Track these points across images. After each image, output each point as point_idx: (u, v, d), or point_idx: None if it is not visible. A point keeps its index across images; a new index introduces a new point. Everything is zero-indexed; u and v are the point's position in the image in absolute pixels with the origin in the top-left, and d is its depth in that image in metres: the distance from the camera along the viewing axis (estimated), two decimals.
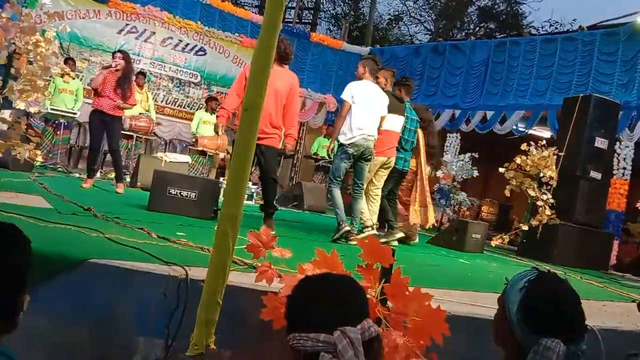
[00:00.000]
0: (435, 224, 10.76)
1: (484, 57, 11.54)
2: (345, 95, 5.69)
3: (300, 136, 13.84)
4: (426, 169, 7.11)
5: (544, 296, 1.63)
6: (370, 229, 5.90)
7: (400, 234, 6.34)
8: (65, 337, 2.54)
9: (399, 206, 6.85)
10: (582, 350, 1.59)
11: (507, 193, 8.02)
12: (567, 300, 1.63)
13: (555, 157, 7.76)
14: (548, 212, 7.57)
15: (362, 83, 5.79)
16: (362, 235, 5.65)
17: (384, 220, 6.48)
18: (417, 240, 6.97)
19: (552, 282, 1.68)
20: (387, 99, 5.89)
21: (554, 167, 7.72)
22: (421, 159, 6.96)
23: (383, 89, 6.04)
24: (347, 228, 5.54)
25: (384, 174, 6.18)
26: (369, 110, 5.68)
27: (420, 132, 6.80)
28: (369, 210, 6.00)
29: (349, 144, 5.60)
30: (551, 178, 7.69)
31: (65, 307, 2.54)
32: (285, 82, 5.33)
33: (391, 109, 5.96)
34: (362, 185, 5.83)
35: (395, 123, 6.16)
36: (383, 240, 5.81)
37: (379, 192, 6.17)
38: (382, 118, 5.85)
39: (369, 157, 5.72)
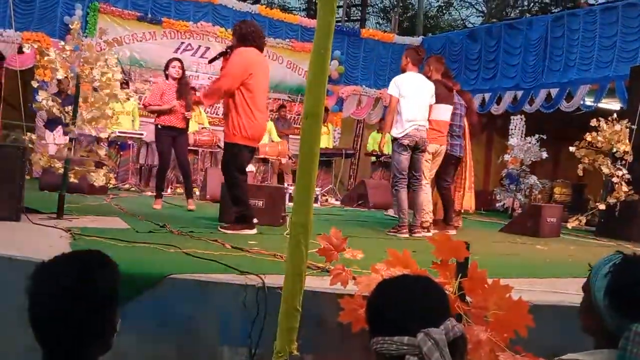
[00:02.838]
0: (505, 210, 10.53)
1: (541, 33, 11.16)
2: (391, 90, 5.85)
3: (357, 133, 13.82)
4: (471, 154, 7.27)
5: (631, 280, 1.56)
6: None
7: (454, 232, 6.31)
8: (152, 352, 2.65)
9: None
10: None
11: (580, 172, 7.73)
12: None
13: (627, 130, 7.42)
14: (625, 188, 7.25)
15: (407, 75, 5.90)
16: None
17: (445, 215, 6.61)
18: (461, 225, 7.04)
19: (638, 264, 1.61)
20: (432, 88, 5.97)
21: (627, 141, 7.38)
22: (467, 144, 6.99)
23: (429, 78, 6.13)
24: (406, 235, 5.66)
25: (437, 162, 6.27)
26: (416, 101, 5.79)
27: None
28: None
29: (402, 136, 5.73)
30: (625, 152, 7.35)
31: (151, 322, 2.65)
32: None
33: (441, 99, 6.07)
34: (420, 177, 5.93)
35: (445, 112, 6.24)
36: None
37: (428, 182, 6.23)
38: (431, 107, 5.95)
39: (423, 147, 5.85)
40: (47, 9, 10.66)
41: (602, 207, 7.43)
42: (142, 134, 9.55)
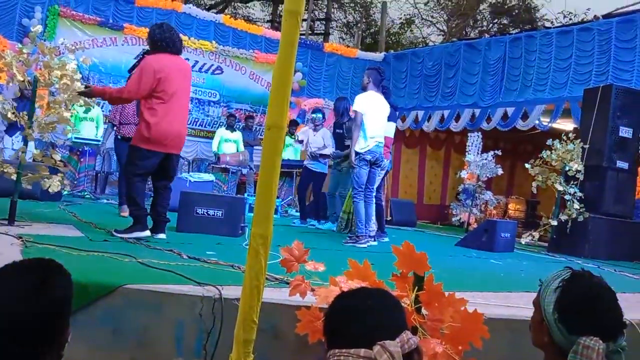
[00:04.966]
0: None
1: (500, 53, 11.46)
2: (357, 106, 6.01)
3: None
4: None
5: (579, 295, 1.62)
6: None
7: (386, 239, 6.87)
8: None
9: None
10: (622, 347, 1.58)
11: (534, 190, 7.94)
12: (603, 298, 1.63)
13: (580, 149, 7.66)
14: (577, 205, 7.48)
15: (369, 94, 6.11)
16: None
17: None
18: None
19: (586, 280, 1.67)
20: (389, 107, 6.30)
21: (579, 160, 7.62)
22: None
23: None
24: (365, 245, 5.82)
25: (380, 175, 6.60)
26: (378, 119, 6.05)
27: None
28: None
29: (365, 152, 5.95)
30: (578, 171, 7.59)
31: (103, 333, 2.58)
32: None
33: (389, 117, 6.43)
34: (373, 189, 6.21)
35: (391, 129, 6.79)
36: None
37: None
38: None
39: (381, 162, 6.16)
40: (4, 10, 10.38)
41: (554, 223, 7.64)
42: (98, 141, 9.36)
